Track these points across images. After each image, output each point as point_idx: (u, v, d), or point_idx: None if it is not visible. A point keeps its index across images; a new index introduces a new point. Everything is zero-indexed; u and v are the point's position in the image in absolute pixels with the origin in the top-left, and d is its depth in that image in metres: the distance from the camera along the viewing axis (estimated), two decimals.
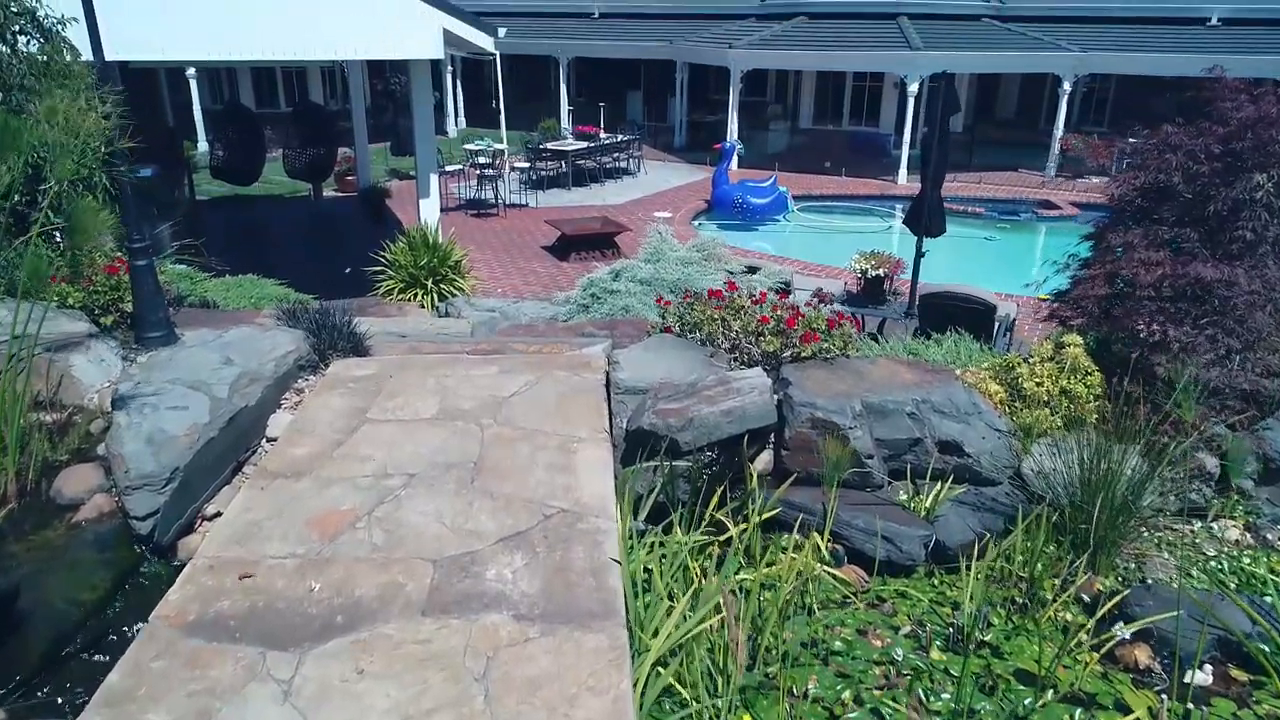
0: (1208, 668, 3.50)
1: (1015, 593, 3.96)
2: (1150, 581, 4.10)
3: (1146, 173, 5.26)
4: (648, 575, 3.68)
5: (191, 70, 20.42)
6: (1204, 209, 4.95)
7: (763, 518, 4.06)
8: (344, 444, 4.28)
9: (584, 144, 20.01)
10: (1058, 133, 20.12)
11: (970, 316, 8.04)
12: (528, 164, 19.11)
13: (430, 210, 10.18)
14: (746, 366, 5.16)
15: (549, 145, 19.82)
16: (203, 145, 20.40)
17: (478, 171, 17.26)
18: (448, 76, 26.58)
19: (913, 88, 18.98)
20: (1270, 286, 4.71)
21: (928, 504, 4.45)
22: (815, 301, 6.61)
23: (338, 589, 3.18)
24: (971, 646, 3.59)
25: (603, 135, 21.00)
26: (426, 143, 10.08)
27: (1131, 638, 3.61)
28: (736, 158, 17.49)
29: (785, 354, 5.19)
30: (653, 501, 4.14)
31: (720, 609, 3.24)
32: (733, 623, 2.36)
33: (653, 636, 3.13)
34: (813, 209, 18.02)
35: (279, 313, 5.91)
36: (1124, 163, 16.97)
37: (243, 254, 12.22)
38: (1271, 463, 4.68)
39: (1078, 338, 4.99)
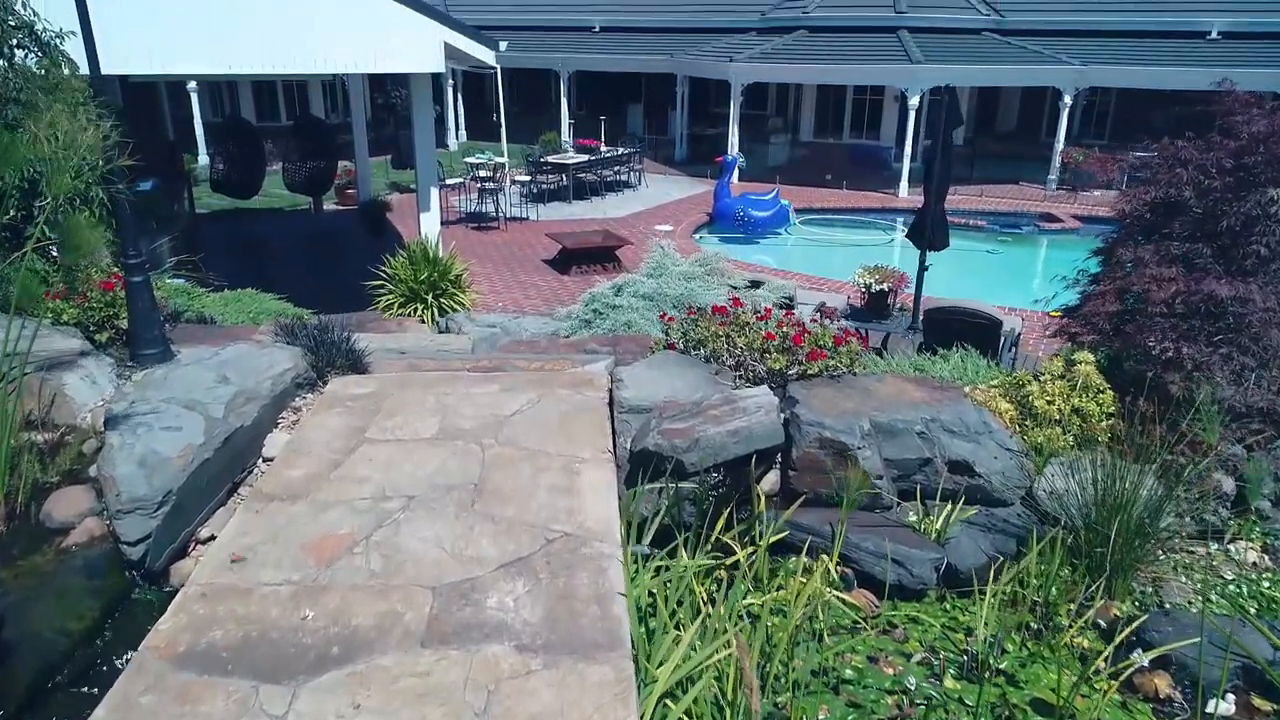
0: (1230, 697, 3.39)
1: (1030, 618, 3.86)
2: (1168, 606, 4.00)
3: (1157, 187, 5.19)
4: (652, 599, 3.59)
5: (192, 84, 20.43)
6: (1216, 224, 4.87)
7: (771, 541, 3.97)
8: (342, 465, 4.19)
9: (585, 157, 19.99)
10: (1058, 146, 20.09)
11: (975, 331, 7.95)
12: (528, 177, 19.07)
13: (431, 224, 10.11)
14: (752, 384, 5.08)
15: (550, 158, 19.79)
16: (203, 159, 20.39)
17: (478, 185, 17.23)
18: (449, 90, 26.61)
19: (913, 101, 18.98)
20: None
21: (938, 526, 4.35)
22: (820, 317, 6.54)
23: (334, 618, 3.08)
24: (986, 674, 3.50)
25: (603, 149, 20.99)
26: (427, 156, 10.03)
27: (1150, 665, 3.51)
28: (737, 171, 17.46)
29: (791, 371, 5.11)
30: (658, 524, 4.04)
31: (728, 638, 3.14)
32: (749, 673, 2.25)
33: (659, 665, 3.03)
34: (814, 222, 17.97)
35: (277, 328, 5.83)
36: (1125, 176, 16.97)
37: (242, 268, 12.16)
38: None
39: (1089, 355, 4.90)
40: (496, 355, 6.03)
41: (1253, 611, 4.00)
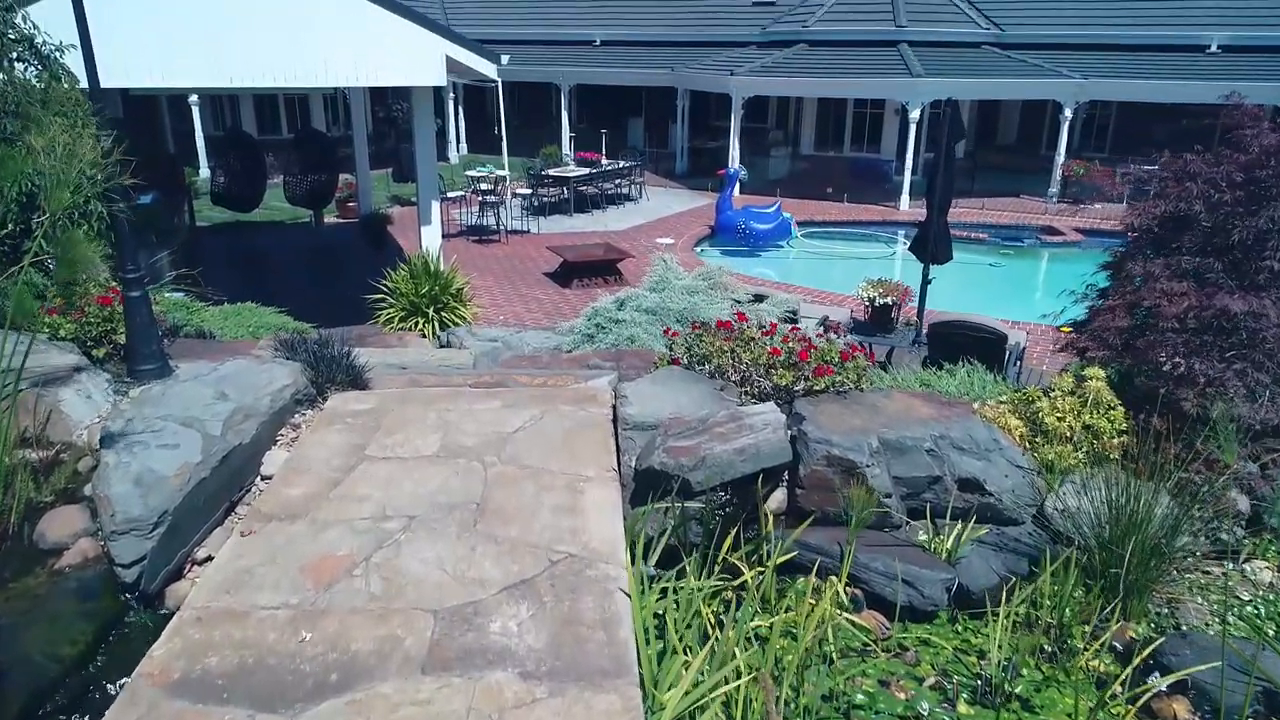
0: None
1: (1044, 640, 3.78)
2: (1184, 628, 3.92)
3: (1166, 201, 5.13)
4: (659, 621, 3.51)
5: (194, 97, 20.45)
6: (1227, 238, 4.81)
7: (779, 561, 3.89)
8: (341, 483, 4.11)
9: (586, 170, 19.97)
10: (1059, 159, 20.09)
11: (980, 345, 7.88)
12: (529, 190, 19.05)
13: (432, 237, 10.06)
14: (757, 400, 5.01)
15: (551, 171, 19.78)
16: (204, 171, 20.38)
17: (479, 198, 17.20)
18: (450, 103, 26.65)
19: (914, 114, 18.98)
20: None
21: (948, 545, 4.27)
22: (825, 332, 6.47)
23: (332, 643, 3.00)
24: (1000, 699, 3.41)
25: (604, 161, 20.98)
26: (428, 169, 9.99)
27: (1169, 690, 3.43)
28: (738, 184, 17.45)
29: (797, 387, 5.04)
30: (664, 544, 3.96)
31: (739, 663, 3.06)
32: (774, 714, 2.15)
33: (668, 691, 2.95)
34: (816, 235, 17.95)
35: (276, 343, 5.76)
36: (1128, 191, 16.94)
37: (242, 281, 12.11)
38: None
39: (1099, 371, 4.83)
40: (499, 370, 5.96)
41: (1271, 633, 3.92)
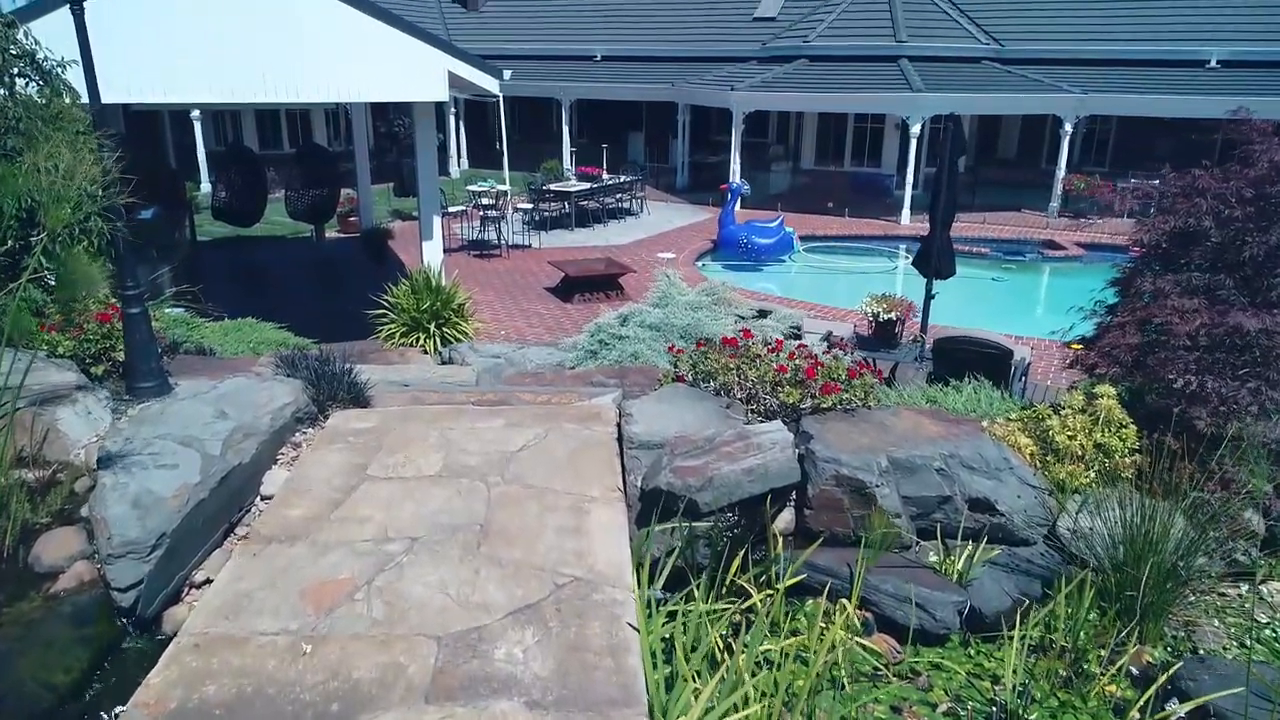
0: None
1: (1059, 664, 3.70)
2: (1202, 652, 3.84)
3: (1175, 217, 5.08)
4: (666, 645, 3.43)
5: (196, 112, 20.48)
6: (1238, 255, 4.76)
7: (788, 584, 3.82)
8: (342, 504, 4.04)
9: (586, 185, 19.97)
10: (1060, 173, 20.10)
11: (985, 361, 7.82)
12: (530, 205, 19.04)
13: (433, 252, 10.02)
14: (764, 418, 4.95)
15: (552, 186, 19.77)
16: (205, 186, 20.39)
17: (480, 212, 17.18)
18: (451, 118, 26.71)
19: (915, 129, 19.00)
20: None
21: (959, 566, 4.20)
22: (830, 348, 6.41)
23: (333, 671, 2.92)
24: None
25: (605, 176, 20.99)
26: (430, 184, 9.97)
27: (1188, 716, 3.35)
28: (740, 198, 17.44)
29: (804, 405, 4.98)
30: (670, 566, 3.89)
31: (749, 689, 2.99)
32: None
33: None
34: (817, 249, 17.92)
35: (277, 360, 5.71)
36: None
37: (243, 296, 12.07)
38: None
39: (1110, 389, 4.77)
40: (501, 388, 5.90)
41: None
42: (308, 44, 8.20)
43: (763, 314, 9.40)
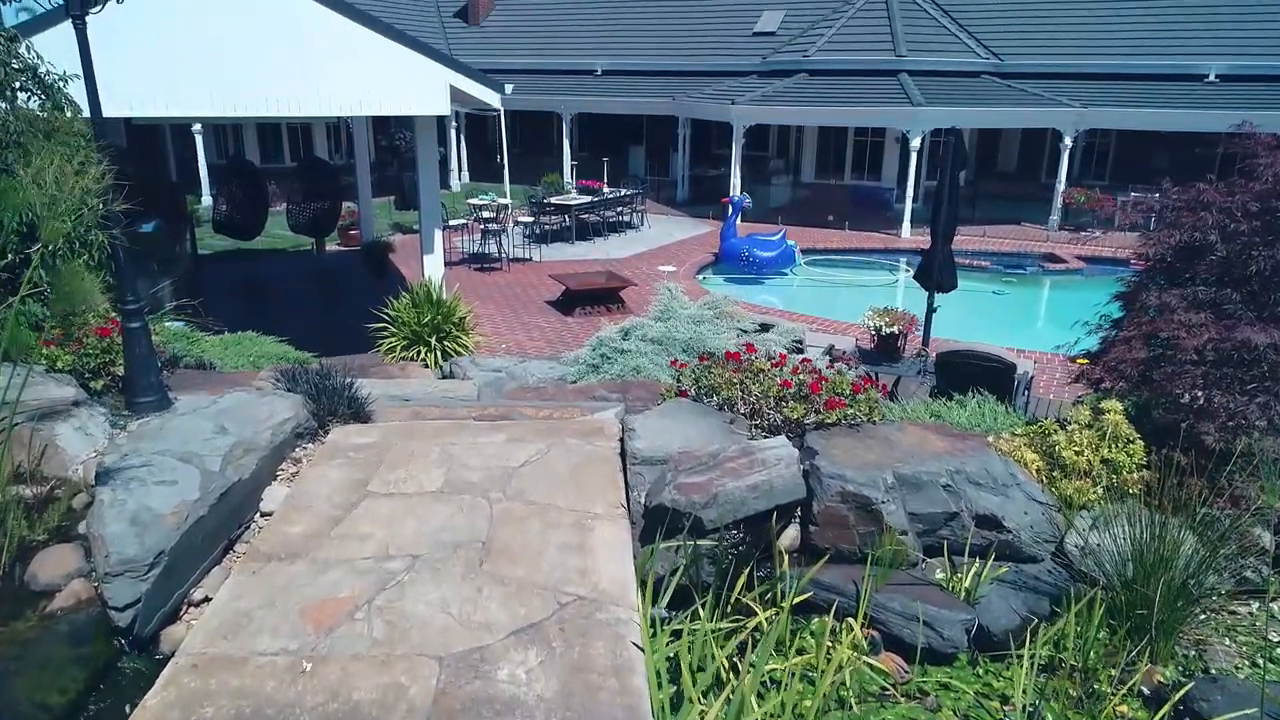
0: None
1: (1069, 684, 3.65)
2: (1214, 671, 3.79)
3: (1181, 230, 5.06)
4: (671, 664, 3.38)
5: (197, 126, 20.52)
6: (1245, 269, 4.74)
7: (794, 602, 3.77)
8: (343, 521, 4.00)
9: (587, 198, 19.99)
10: (1059, 186, 20.14)
11: (989, 375, 7.79)
12: (531, 218, 19.06)
13: (434, 266, 10.01)
14: (767, 434, 4.91)
15: (552, 199, 19.79)
16: (206, 199, 20.41)
17: (481, 226, 17.19)
18: (452, 131, 26.78)
19: (915, 142, 19.04)
20: None
21: (967, 584, 4.15)
22: (833, 362, 6.39)
23: (334, 692, 2.87)
24: None
25: (606, 190, 21.01)
26: (431, 198, 9.96)
27: None
28: (742, 211, 17.46)
29: (808, 420, 4.94)
30: (675, 584, 3.84)
31: (756, 715, 2.94)
32: None
33: None
34: (818, 262, 17.93)
35: (277, 375, 5.67)
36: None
37: (243, 309, 12.06)
38: None
39: (1117, 404, 4.74)
40: (503, 403, 5.86)
41: None
42: (310, 57, 8.21)
43: (765, 328, 9.37)
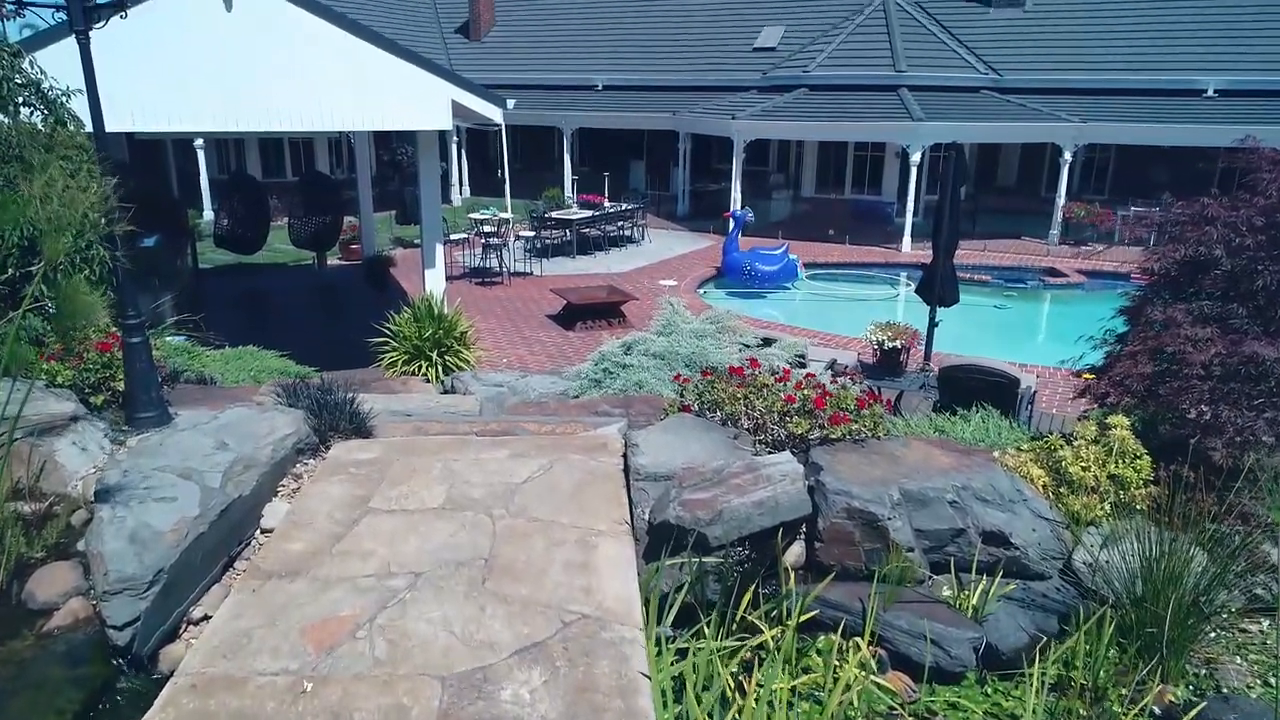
0: None
1: (1079, 704, 3.60)
2: (1225, 690, 3.74)
3: (1186, 245, 5.05)
4: (676, 683, 3.34)
5: (199, 140, 20.59)
6: (1251, 283, 4.72)
7: (800, 620, 3.72)
8: (344, 538, 3.96)
9: (588, 213, 20.02)
10: (1059, 201, 20.18)
11: (992, 389, 7.76)
12: (532, 232, 19.09)
13: (435, 280, 9.99)
14: (771, 449, 4.88)
15: (553, 214, 19.82)
16: (208, 214, 20.44)
17: (482, 240, 17.21)
18: (453, 146, 26.87)
19: (915, 157, 19.08)
20: None
21: (974, 601, 4.11)
22: (837, 377, 6.36)
23: (335, 713, 2.83)
24: None
25: (607, 204, 21.06)
26: (433, 212, 9.96)
27: None
28: (744, 226, 17.48)
29: (813, 435, 4.91)
30: (680, 602, 3.80)
31: None
32: None
33: None
34: (819, 276, 17.93)
35: (278, 390, 5.65)
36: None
37: (244, 324, 12.04)
38: None
39: (1124, 419, 4.70)
40: (505, 418, 5.83)
41: None
42: (314, 73, 8.23)
43: (767, 342, 9.34)
